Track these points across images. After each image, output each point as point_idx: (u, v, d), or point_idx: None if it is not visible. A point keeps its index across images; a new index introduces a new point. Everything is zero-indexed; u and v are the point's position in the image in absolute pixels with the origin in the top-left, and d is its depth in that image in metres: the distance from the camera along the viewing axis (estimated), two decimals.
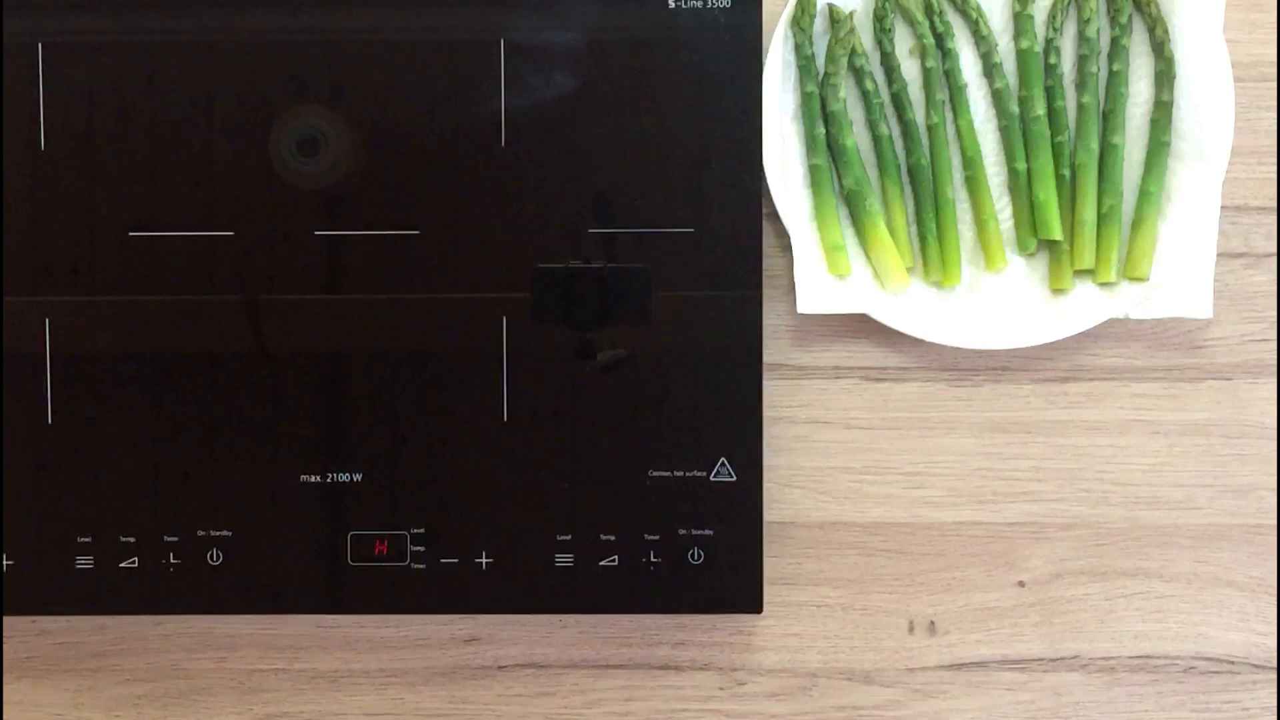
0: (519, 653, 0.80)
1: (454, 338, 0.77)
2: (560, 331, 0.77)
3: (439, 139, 0.77)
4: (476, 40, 0.77)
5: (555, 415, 0.77)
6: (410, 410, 0.77)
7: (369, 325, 0.77)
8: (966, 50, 0.79)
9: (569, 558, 0.78)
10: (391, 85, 0.77)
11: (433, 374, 0.77)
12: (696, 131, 0.77)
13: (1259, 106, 0.80)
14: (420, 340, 0.77)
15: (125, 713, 0.80)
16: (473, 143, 0.77)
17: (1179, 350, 0.80)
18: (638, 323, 0.77)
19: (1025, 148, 0.79)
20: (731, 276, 0.77)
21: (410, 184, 0.77)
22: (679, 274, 0.77)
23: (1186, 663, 0.80)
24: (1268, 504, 0.80)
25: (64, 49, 0.78)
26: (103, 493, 0.77)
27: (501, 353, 0.77)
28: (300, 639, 0.80)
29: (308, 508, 0.78)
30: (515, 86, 0.77)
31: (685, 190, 0.77)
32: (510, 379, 0.77)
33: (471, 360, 0.77)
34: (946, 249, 0.79)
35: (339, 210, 0.77)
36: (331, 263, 0.77)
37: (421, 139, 0.77)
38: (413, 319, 0.77)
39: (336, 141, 0.77)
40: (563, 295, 0.77)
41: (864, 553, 0.80)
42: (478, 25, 0.77)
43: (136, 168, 0.78)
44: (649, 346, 0.77)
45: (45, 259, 0.78)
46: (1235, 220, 0.80)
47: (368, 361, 0.77)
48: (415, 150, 0.77)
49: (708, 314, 0.77)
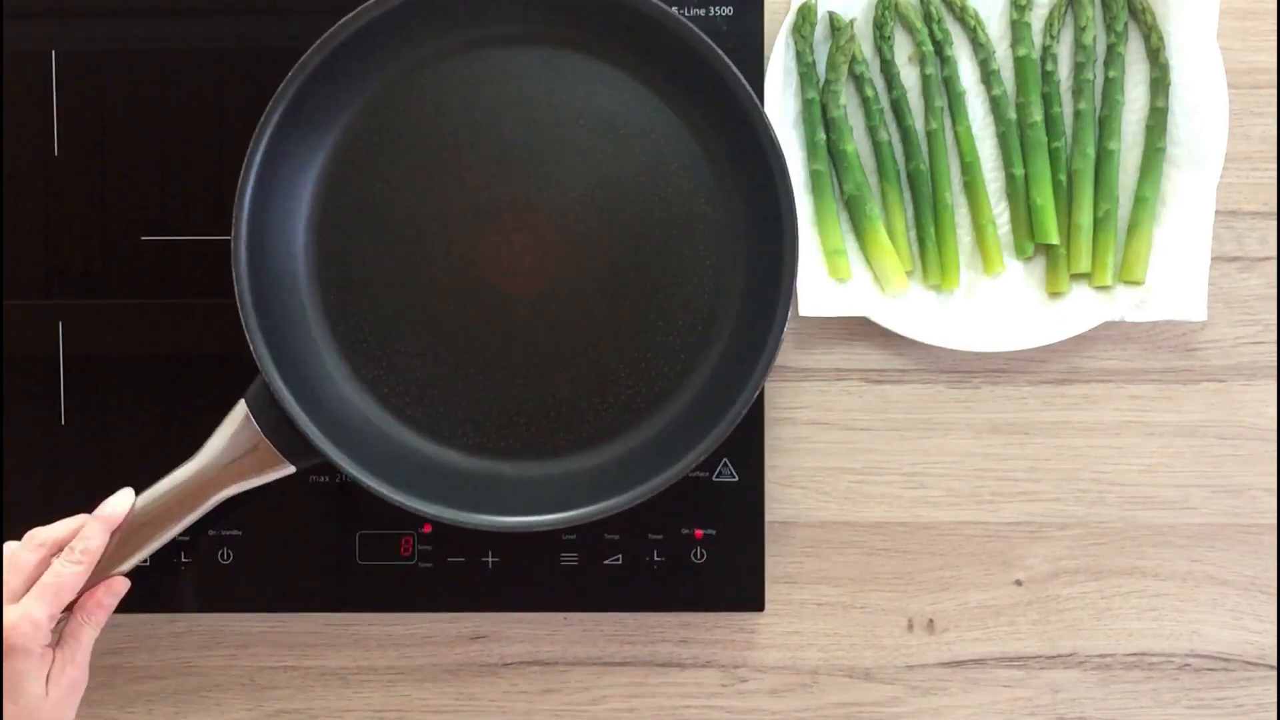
0: (525, 650, 0.81)
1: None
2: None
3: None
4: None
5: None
6: None
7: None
8: (965, 57, 0.80)
9: (574, 556, 0.78)
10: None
11: None
12: None
13: (1252, 113, 0.80)
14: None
15: (137, 709, 0.81)
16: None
17: (1174, 353, 0.81)
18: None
19: (1023, 153, 0.79)
20: None
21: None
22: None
23: (1181, 660, 0.81)
24: (1261, 504, 0.81)
25: (77, 56, 0.79)
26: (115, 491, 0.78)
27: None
28: (309, 637, 0.81)
29: (317, 507, 0.78)
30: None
31: None
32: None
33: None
34: (945, 253, 0.80)
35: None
36: None
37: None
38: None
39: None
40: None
41: (864, 552, 0.81)
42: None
43: (149, 173, 0.79)
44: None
45: (59, 262, 0.79)
46: (1229, 225, 0.80)
47: None
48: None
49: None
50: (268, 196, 0.73)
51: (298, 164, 0.75)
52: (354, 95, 0.75)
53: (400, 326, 0.76)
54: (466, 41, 0.76)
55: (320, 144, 0.76)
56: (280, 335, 0.74)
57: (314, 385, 0.75)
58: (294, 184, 0.75)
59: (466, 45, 0.76)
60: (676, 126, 0.76)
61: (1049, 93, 0.79)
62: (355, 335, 0.76)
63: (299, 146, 0.74)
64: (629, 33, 0.74)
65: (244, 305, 0.72)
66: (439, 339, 0.76)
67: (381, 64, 0.75)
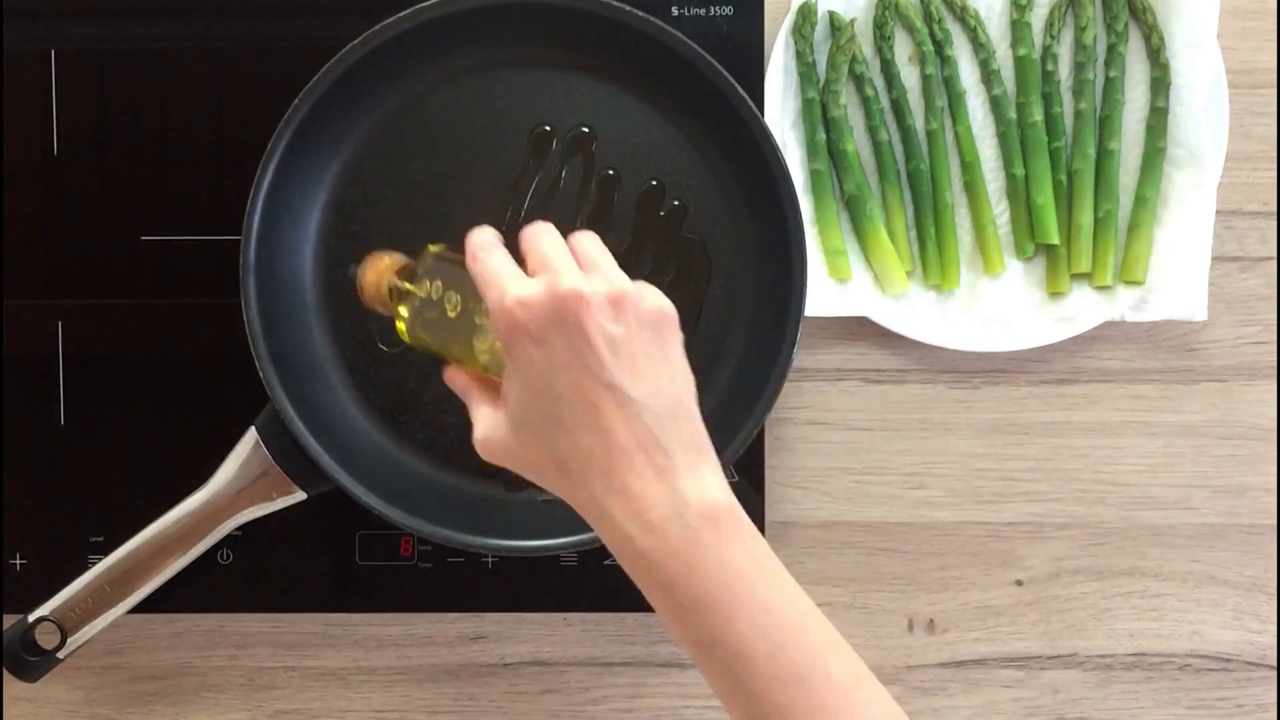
0: (525, 650, 0.81)
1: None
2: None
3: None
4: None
5: None
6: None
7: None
8: (965, 57, 0.80)
9: (574, 557, 0.78)
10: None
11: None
12: None
13: (1253, 112, 0.80)
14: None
15: (137, 709, 0.81)
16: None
17: (1175, 353, 0.81)
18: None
19: (1023, 153, 0.79)
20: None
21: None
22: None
23: (1182, 660, 0.81)
24: (1262, 504, 0.81)
25: (77, 56, 0.79)
26: (115, 492, 0.78)
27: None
28: (309, 637, 0.81)
29: (317, 508, 0.78)
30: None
31: None
32: None
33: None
34: (945, 253, 0.80)
35: None
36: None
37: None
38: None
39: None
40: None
41: (864, 552, 0.81)
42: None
43: (148, 172, 0.79)
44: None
45: (58, 262, 0.79)
46: (1230, 225, 0.80)
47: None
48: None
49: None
50: (276, 220, 0.73)
51: (305, 189, 0.75)
52: (361, 119, 0.75)
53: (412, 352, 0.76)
54: (473, 65, 0.76)
55: (327, 168, 0.76)
56: (289, 361, 0.74)
57: (325, 412, 0.75)
58: (301, 208, 0.75)
59: (473, 69, 0.76)
60: (683, 147, 0.76)
61: (1049, 93, 0.79)
62: (365, 361, 0.76)
63: (306, 172, 0.74)
64: (634, 55, 0.74)
65: (253, 334, 0.72)
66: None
67: (388, 88, 0.75)
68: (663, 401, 0.56)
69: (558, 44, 0.75)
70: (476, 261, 0.59)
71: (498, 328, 0.57)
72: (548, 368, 0.56)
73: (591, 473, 0.56)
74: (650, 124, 0.76)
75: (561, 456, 0.57)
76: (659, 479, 0.55)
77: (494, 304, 0.57)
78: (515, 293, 0.56)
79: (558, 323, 0.55)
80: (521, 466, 0.59)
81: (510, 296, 0.56)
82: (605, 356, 0.55)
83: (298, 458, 0.73)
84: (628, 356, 0.55)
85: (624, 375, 0.55)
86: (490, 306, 0.58)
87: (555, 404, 0.56)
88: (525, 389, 0.57)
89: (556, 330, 0.55)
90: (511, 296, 0.56)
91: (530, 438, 0.58)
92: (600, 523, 0.56)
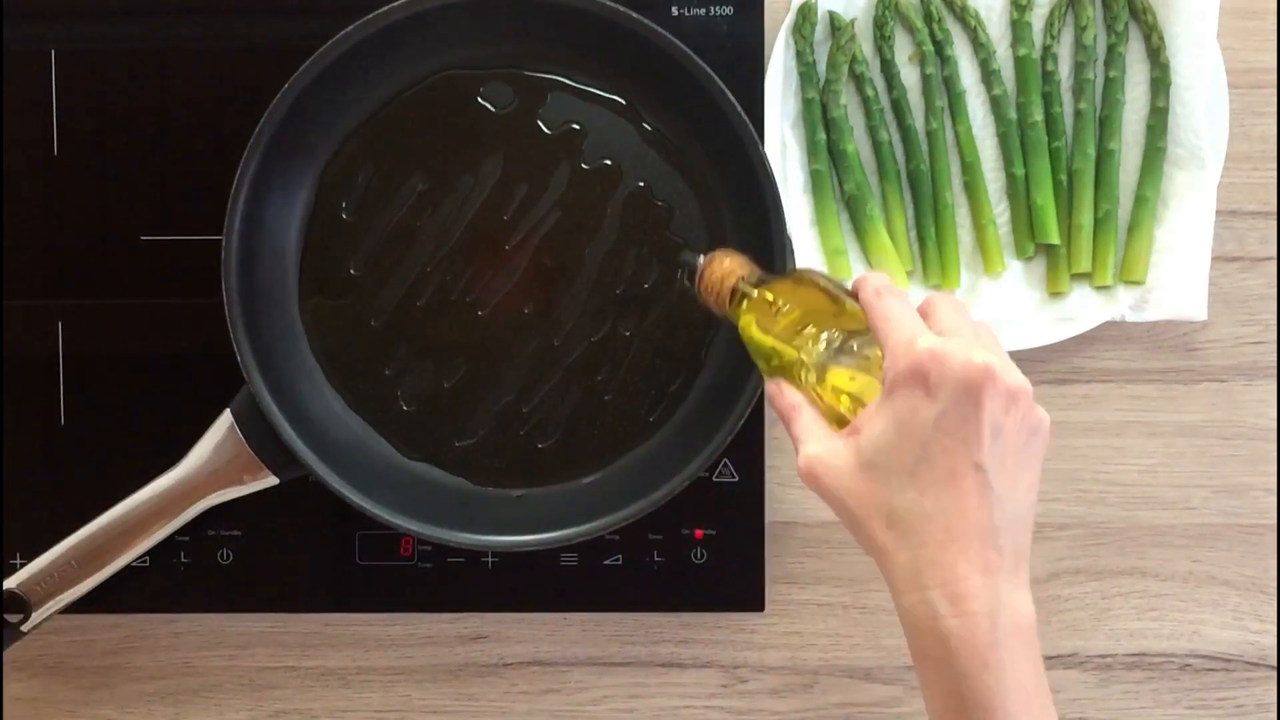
0: (525, 650, 0.81)
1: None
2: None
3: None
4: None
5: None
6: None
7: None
8: (965, 57, 0.80)
9: (574, 556, 0.79)
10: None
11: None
12: None
13: (1253, 112, 0.80)
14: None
15: (137, 709, 0.81)
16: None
17: (1175, 353, 0.81)
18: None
19: (1023, 153, 0.79)
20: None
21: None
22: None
23: (1182, 660, 0.81)
24: (1262, 504, 0.81)
25: (76, 56, 0.79)
26: (115, 492, 0.77)
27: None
28: (309, 637, 0.81)
29: (317, 507, 0.78)
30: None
31: None
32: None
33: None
34: (945, 253, 0.80)
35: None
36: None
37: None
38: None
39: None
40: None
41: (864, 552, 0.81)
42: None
43: (148, 172, 0.79)
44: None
45: (58, 262, 0.79)
46: (1230, 225, 0.80)
47: None
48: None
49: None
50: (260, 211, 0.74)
51: (289, 182, 0.75)
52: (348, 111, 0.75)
53: (390, 346, 0.76)
54: (456, 65, 0.76)
55: (311, 164, 0.76)
56: (268, 347, 0.74)
57: (302, 399, 0.75)
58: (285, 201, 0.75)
59: (457, 70, 0.76)
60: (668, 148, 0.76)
61: (1049, 92, 0.79)
62: (345, 352, 0.76)
63: (289, 167, 0.74)
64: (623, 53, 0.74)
65: (233, 317, 0.72)
66: (429, 360, 0.76)
67: (376, 81, 0.75)
68: (1015, 504, 0.57)
69: (545, 50, 0.75)
70: (880, 299, 0.60)
71: (896, 366, 0.57)
72: (928, 423, 0.56)
73: (924, 537, 0.56)
74: (638, 124, 0.76)
75: (899, 510, 0.57)
76: (985, 573, 0.55)
77: (899, 344, 0.57)
78: (930, 344, 0.56)
79: (960, 388, 0.55)
80: (844, 499, 0.59)
81: (925, 345, 0.56)
82: (985, 439, 0.55)
83: (271, 443, 0.73)
84: (1003, 449, 0.56)
85: (994, 463, 0.56)
86: (891, 344, 0.58)
87: (918, 459, 0.56)
88: (896, 432, 0.57)
89: (955, 393, 0.55)
90: (926, 345, 0.56)
91: (877, 478, 0.58)
92: (908, 586, 0.57)
